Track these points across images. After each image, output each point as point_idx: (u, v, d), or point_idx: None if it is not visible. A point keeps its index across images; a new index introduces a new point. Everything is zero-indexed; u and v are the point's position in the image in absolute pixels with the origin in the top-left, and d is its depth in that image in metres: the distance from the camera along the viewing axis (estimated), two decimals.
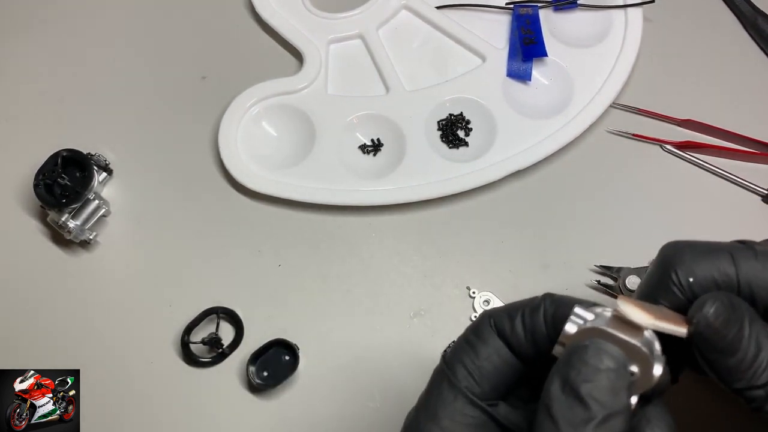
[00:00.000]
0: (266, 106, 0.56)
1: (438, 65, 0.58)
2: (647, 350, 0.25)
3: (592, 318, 0.26)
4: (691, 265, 0.27)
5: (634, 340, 0.25)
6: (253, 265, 0.52)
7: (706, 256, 0.28)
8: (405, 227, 0.53)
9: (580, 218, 0.52)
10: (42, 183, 0.51)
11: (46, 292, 0.52)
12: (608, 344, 0.25)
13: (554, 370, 0.26)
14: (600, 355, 0.25)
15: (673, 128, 0.55)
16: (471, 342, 0.29)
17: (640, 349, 0.25)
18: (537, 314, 0.28)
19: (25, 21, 0.62)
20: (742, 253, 0.27)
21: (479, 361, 0.29)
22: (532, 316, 0.28)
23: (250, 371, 0.48)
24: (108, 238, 0.54)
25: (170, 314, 0.51)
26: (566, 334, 0.27)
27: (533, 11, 0.58)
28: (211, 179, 0.55)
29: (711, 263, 0.28)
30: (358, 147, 0.55)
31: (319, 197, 0.53)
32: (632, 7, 0.57)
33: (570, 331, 0.26)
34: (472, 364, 0.29)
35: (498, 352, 0.29)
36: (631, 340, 0.25)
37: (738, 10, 0.59)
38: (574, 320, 0.27)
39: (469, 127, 0.55)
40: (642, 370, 0.26)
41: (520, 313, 0.29)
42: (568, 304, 0.28)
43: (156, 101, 0.58)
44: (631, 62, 0.56)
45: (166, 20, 0.62)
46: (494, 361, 0.29)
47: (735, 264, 0.27)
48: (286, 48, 0.60)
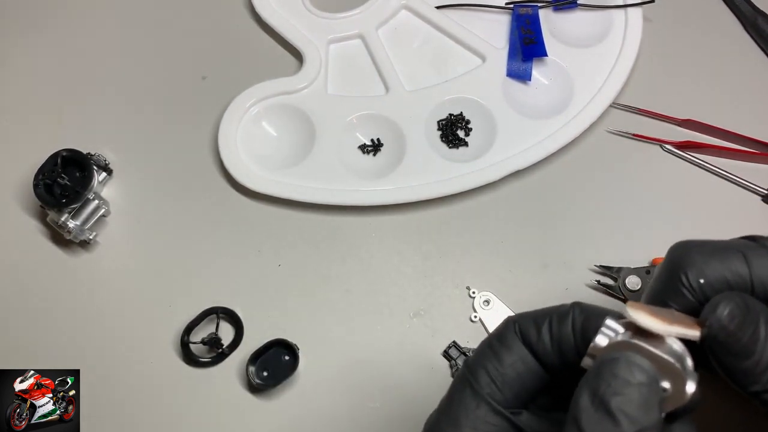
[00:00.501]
0: (266, 106, 0.56)
1: (438, 65, 0.57)
2: (680, 366, 0.24)
3: (623, 331, 0.26)
4: (701, 265, 0.27)
5: (667, 356, 0.24)
6: (253, 265, 0.52)
7: (717, 256, 0.27)
8: (405, 227, 0.53)
9: (580, 218, 0.52)
10: (42, 183, 0.51)
11: (45, 292, 0.52)
12: (640, 357, 0.24)
13: (583, 383, 0.25)
14: (631, 369, 0.24)
15: (673, 128, 0.55)
16: (495, 348, 0.29)
17: (674, 365, 0.24)
18: (565, 323, 0.28)
19: (25, 21, 0.62)
20: (755, 252, 0.27)
21: (503, 369, 0.28)
22: (560, 324, 0.28)
23: (249, 371, 0.48)
24: (108, 238, 0.54)
25: (170, 314, 0.51)
26: (596, 347, 0.26)
27: (533, 11, 0.57)
28: (211, 179, 0.55)
29: (722, 263, 0.27)
30: (358, 147, 0.55)
31: (319, 197, 0.53)
32: (632, 7, 0.57)
33: (601, 343, 0.26)
34: (495, 371, 0.28)
35: (523, 359, 0.28)
36: (664, 355, 0.24)
37: (738, 10, 0.59)
38: (605, 332, 0.26)
39: (469, 127, 0.55)
40: (674, 386, 0.25)
41: (547, 321, 0.28)
42: (599, 314, 0.27)
43: (156, 101, 0.58)
44: (631, 62, 0.56)
45: (166, 20, 0.62)
46: (518, 369, 0.28)
47: (747, 263, 0.26)
48: (286, 48, 0.60)
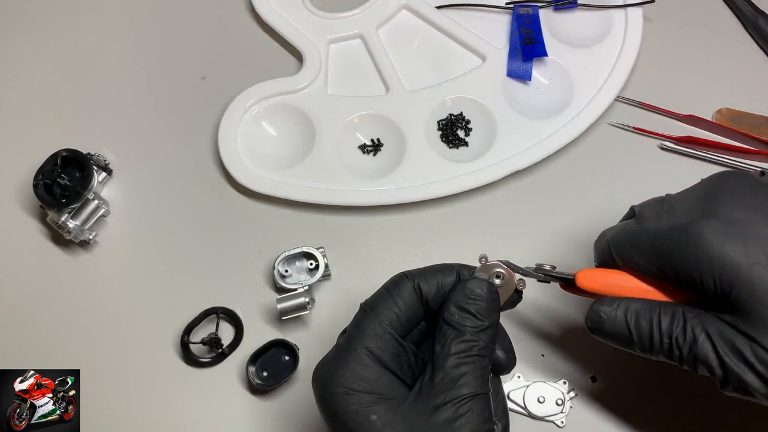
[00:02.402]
0: (266, 106, 0.56)
1: (438, 65, 0.57)
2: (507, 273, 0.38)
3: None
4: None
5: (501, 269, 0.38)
6: (253, 265, 0.52)
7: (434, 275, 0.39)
8: (405, 227, 0.53)
9: (580, 218, 0.52)
10: (41, 183, 0.51)
11: (46, 292, 0.52)
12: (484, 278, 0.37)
13: (450, 295, 0.37)
14: (480, 284, 0.37)
15: (674, 124, 0.55)
16: (392, 293, 0.38)
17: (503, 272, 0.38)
18: (451, 276, 0.38)
19: (25, 21, 0.62)
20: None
21: (400, 309, 0.37)
22: (445, 277, 0.38)
23: (249, 371, 0.48)
24: (107, 238, 0.54)
25: (170, 314, 0.51)
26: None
27: (533, 11, 0.57)
28: (211, 179, 0.55)
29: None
30: (358, 147, 0.55)
31: (319, 197, 0.53)
32: (632, 7, 0.57)
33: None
34: (395, 310, 0.37)
35: (414, 305, 0.38)
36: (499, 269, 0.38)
37: (738, 10, 0.59)
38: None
39: (469, 127, 0.55)
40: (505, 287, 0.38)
41: (438, 275, 0.38)
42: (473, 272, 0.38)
43: (156, 101, 0.58)
44: (632, 62, 0.56)
45: (166, 20, 0.62)
46: (410, 311, 0.37)
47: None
48: (286, 48, 0.60)
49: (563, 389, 0.47)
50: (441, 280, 0.38)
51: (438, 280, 0.38)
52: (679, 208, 0.39)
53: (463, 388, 0.34)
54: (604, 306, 0.38)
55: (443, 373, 0.34)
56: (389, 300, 0.37)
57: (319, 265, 0.49)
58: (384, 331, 0.36)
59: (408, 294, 0.38)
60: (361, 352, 0.36)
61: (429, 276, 0.38)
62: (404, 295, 0.38)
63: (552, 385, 0.47)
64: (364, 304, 0.38)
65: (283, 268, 0.50)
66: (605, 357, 0.48)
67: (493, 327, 0.36)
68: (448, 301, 0.36)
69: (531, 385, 0.47)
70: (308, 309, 0.48)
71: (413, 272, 0.39)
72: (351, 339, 0.36)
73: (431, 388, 0.34)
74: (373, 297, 0.38)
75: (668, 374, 0.47)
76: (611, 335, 0.38)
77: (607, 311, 0.38)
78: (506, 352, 0.39)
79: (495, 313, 0.37)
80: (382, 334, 0.36)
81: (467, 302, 0.36)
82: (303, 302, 0.48)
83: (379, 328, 0.36)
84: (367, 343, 0.36)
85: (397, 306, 0.37)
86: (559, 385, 0.47)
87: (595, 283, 0.40)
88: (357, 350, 0.36)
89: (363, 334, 0.36)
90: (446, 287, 0.38)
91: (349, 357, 0.36)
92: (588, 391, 0.47)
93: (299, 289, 0.49)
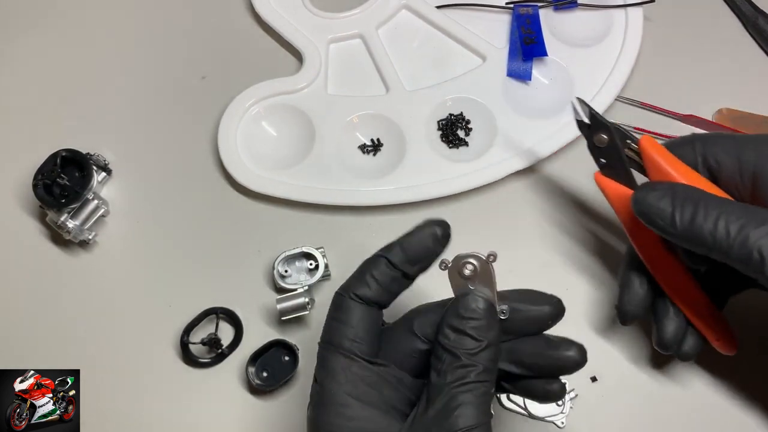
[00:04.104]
0: (266, 106, 0.56)
1: (438, 65, 0.57)
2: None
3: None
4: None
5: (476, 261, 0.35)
6: (253, 265, 0.52)
7: None
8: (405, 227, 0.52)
9: (581, 218, 0.52)
10: (41, 183, 0.51)
11: (45, 292, 0.52)
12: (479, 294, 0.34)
13: (445, 316, 0.34)
14: (476, 299, 0.34)
15: (674, 123, 0.55)
16: (339, 318, 0.35)
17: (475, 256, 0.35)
18: (379, 266, 0.36)
19: (25, 21, 0.62)
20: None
21: (354, 329, 0.35)
22: (375, 270, 0.36)
23: (249, 372, 0.48)
24: (107, 239, 0.54)
25: (170, 314, 0.51)
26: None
27: (533, 11, 0.57)
28: (211, 179, 0.55)
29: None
30: (358, 147, 0.55)
31: (319, 197, 0.53)
32: (632, 7, 0.57)
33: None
34: (350, 333, 0.35)
35: (364, 314, 0.35)
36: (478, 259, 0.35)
37: (739, 10, 0.59)
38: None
39: (469, 127, 0.55)
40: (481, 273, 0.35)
41: (367, 273, 0.36)
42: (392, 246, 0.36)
43: (156, 101, 0.58)
44: (632, 62, 0.55)
45: (166, 20, 0.62)
46: (364, 323, 0.35)
47: None
48: (286, 48, 0.60)
49: None
50: (374, 276, 0.36)
51: (369, 277, 0.36)
52: None
53: (459, 420, 0.31)
54: (655, 185, 0.38)
55: (438, 404, 0.32)
56: (339, 325, 0.35)
57: (319, 266, 0.49)
58: (350, 361, 0.34)
59: (354, 309, 0.35)
60: (335, 391, 0.34)
61: (361, 278, 0.36)
62: (350, 311, 0.35)
63: None
64: (320, 341, 0.36)
65: (282, 268, 0.50)
66: (605, 357, 0.48)
67: (493, 345, 0.34)
68: (441, 323, 0.34)
69: None
70: (308, 309, 0.48)
71: (346, 284, 0.36)
72: (322, 382, 0.35)
73: (424, 422, 0.32)
74: (324, 330, 0.36)
75: (669, 374, 0.47)
76: (654, 211, 0.37)
77: (657, 187, 0.38)
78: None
79: (494, 329, 0.34)
80: (349, 365, 0.34)
81: (461, 322, 0.34)
82: (303, 302, 0.48)
83: (344, 359, 0.34)
84: (338, 380, 0.34)
85: (350, 326, 0.35)
86: None
87: (657, 151, 0.40)
88: (330, 390, 0.34)
89: (330, 373, 0.34)
90: (382, 279, 0.36)
91: (326, 400, 0.34)
92: (588, 391, 0.47)
93: (299, 289, 0.49)
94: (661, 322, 0.43)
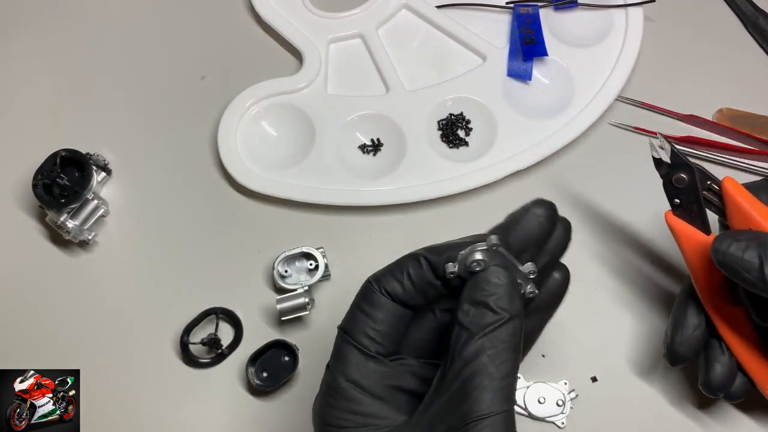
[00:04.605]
0: (266, 106, 0.56)
1: (438, 65, 0.57)
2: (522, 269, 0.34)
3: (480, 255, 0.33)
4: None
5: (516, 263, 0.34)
6: (253, 265, 0.52)
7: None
8: (405, 227, 0.53)
9: (581, 218, 0.52)
10: (41, 183, 0.51)
11: (45, 292, 0.52)
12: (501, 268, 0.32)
13: (465, 292, 0.32)
14: (498, 274, 0.32)
15: (675, 124, 0.55)
16: (365, 309, 0.34)
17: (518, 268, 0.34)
18: (419, 266, 0.34)
19: (25, 21, 0.62)
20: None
21: (377, 325, 0.33)
22: (415, 269, 0.34)
23: (249, 372, 0.48)
24: (107, 239, 0.54)
25: (170, 314, 0.51)
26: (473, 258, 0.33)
27: (533, 10, 0.57)
28: (211, 179, 0.55)
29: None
30: (358, 147, 0.55)
31: (319, 197, 0.53)
32: (633, 7, 0.57)
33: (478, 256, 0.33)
34: (371, 329, 0.33)
35: (391, 311, 0.34)
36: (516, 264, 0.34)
37: (739, 9, 0.59)
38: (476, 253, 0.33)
39: (469, 127, 0.55)
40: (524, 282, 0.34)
41: (404, 271, 0.34)
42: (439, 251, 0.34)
43: (156, 101, 0.58)
44: (632, 62, 0.55)
45: (165, 20, 0.62)
46: (390, 320, 0.34)
47: None
48: (286, 48, 0.60)
49: (564, 390, 0.47)
50: (410, 274, 0.34)
51: (404, 275, 0.34)
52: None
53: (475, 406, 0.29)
54: (738, 234, 0.36)
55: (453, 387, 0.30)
56: (363, 317, 0.34)
57: (319, 266, 0.49)
58: (367, 358, 0.33)
59: (381, 302, 0.34)
60: (345, 386, 0.33)
61: (395, 273, 0.34)
62: (377, 305, 0.34)
63: (552, 386, 0.47)
64: (340, 327, 0.35)
65: (282, 268, 0.50)
66: (605, 357, 0.48)
67: (517, 318, 0.31)
68: (460, 300, 0.32)
69: (531, 385, 0.47)
70: (308, 309, 0.48)
71: (378, 275, 0.35)
72: (334, 373, 0.33)
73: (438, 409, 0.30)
74: (347, 317, 0.35)
75: (669, 374, 0.47)
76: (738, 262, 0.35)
77: (740, 238, 0.36)
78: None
79: (517, 301, 0.32)
80: (365, 362, 0.33)
81: (482, 295, 0.31)
82: (303, 302, 0.48)
83: (360, 355, 0.33)
84: (351, 375, 0.33)
85: (374, 321, 0.33)
86: (560, 386, 0.47)
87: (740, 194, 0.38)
88: (341, 385, 0.33)
89: (344, 366, 0.33)
90: (418, 280, 0.34)
91: (336, 393, 0.33)
92: (588, 391, 0.47)
93: (299, 289, 0.49)
94: (711, 364, 0.41)
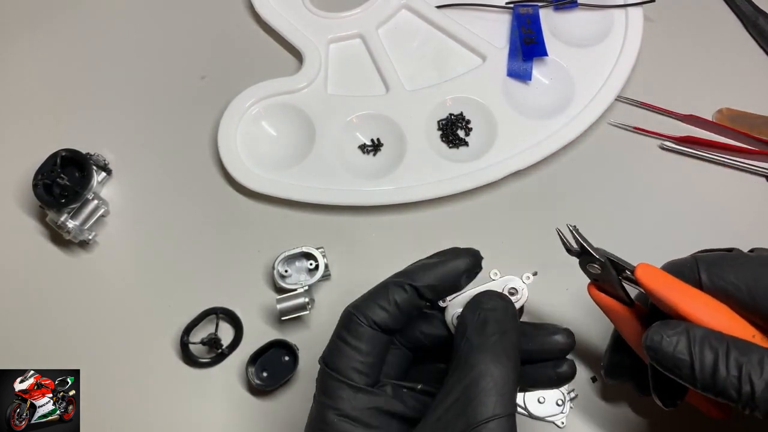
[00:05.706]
0: (266, 106, 0.56)
1: (438, 65, 0.57)
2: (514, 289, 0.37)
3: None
4: None
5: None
6: (253, 265, 0.52)
7: None
8: (405, 227, 0.53)
9: (581, 218, 0.52)
10: (41, 183, 0.51)
11: (45, 292, 0.52)
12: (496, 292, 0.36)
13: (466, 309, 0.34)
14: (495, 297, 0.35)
15: (675, 124, 0.55)
16: (347, 341, 0.34)
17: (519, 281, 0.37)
18: (401, 292, 0.34)
19: (25, 21, 0.62)
20: None
21: (363, 357, 0.33)
22: (398, 295, 0.34)
23: (249, 372, 0.48)
24: (107, 238, 0.54)
25: (170, 314, 0.51)
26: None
27: (533, 11, 0.57)
28: (211, 179, 0.55)
29: None
30: (358, 147, 0.55)
31: (319, 197, 0.53)
32: (633, 7, 0.57)
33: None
34: (358, 362, 0.33)
35: (374, 340, 0.34)
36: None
37: (739, 9, 0.59)
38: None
39: (469, 127, 0.55)
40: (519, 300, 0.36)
41: (388, 298, 0.34)
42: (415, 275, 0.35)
43: (156, 101, 0.58)
44: (632, 62, 0.55)
45: (165, 20, 0.62)
46: (374, 350, 0.34)
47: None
48: (286, 48, 0.60)
49: (563, 390, 0.47)
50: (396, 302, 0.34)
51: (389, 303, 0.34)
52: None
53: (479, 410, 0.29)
54: (668, 328, 0.34)
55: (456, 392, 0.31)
56: (348, 350, 0.33)
57: (318, 266, 0.49)
58: (356, 391, 0.33)
59: (365, 333, 0.34)
60: (338, 420, 0.32)
61: (378, 300, 0.34)
62: (360, 336, 0.34)
63: None
64: (323, 360, 0.34)
65: (282, 268, 0.50)
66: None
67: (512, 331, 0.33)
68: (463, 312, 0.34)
69: None
70: (308, 309, 0.48)
71: (359, 304, 0.35)
72: (324, 409, 0.33)
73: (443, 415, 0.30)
74: (329, 348, 0.34)
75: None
76: (670, 360, 0.33)
77: (669, 333, 0.33)
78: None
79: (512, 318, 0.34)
80: (355, 395, 0.32)
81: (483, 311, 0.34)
82: (303, 302, 0.48)
83: (349, 390, 0.33)
84: (343, 410, 0.32)
85: (359, 353, 0.33)
86: None
87: (656, 282, 0.36)
88: (333, 419, 0.32)
89: (334, 401, 0.33)
90: (403, 304, 0.34)
91: (328, 428, 0.32)
92: (588, 391, 0.47)
93: (299, 289, 0.49)
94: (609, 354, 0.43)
